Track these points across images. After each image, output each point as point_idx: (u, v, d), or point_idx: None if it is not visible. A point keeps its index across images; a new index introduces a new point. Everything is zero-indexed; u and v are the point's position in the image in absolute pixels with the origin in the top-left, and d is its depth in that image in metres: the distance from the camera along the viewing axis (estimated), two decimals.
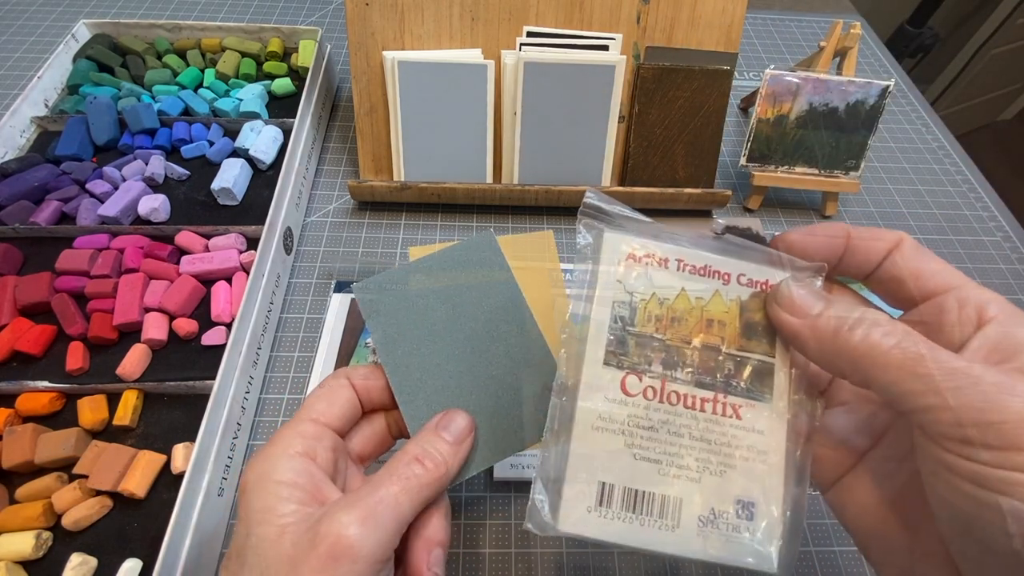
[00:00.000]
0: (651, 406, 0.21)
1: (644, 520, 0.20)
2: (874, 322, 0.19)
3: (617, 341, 0.22)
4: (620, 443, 0.21)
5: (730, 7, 0.50)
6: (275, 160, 0.53)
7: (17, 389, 0.38)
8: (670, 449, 0.21)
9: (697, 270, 0.23)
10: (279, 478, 0.22)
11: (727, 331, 0.22)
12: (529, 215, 0.53)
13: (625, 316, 0.22)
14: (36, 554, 0.32)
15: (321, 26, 0.65)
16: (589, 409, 0.21)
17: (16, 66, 0.65)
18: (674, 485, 0.21)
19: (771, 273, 0.23)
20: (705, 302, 0.23)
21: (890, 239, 0.22)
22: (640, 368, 0.22)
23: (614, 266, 0.23)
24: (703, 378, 0.22)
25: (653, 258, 0.23)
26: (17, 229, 0.45)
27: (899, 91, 0.70)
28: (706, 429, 0.21)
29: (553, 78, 0.48)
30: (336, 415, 0.25)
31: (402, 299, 0.28)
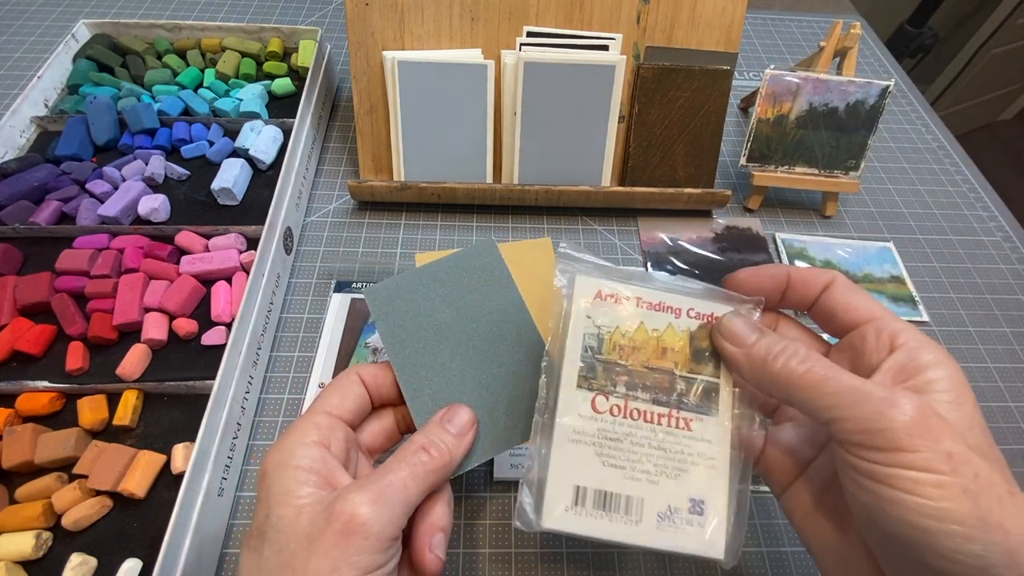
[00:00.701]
0: (616, 421, 0.26)
1: (612, 516, 0.25)
2: (793, 352, 0.23)
3: (587, 367, 0.26)
4: (591, 452, 0.25)
5: (730, 7, 0.50)
6: (275, 160, 0.53)
7: (17, 389, 0.38)
8: (632, 457, 0.25)
9: (653, 306, 0.27)
10: (296, 464, 0.24)
11: (679, 357, 0.27)
12: (529, 215, 0.53)
13: (594, 346, 0.27)
14: (36, 554, 0.32)
15: (321, 26, 0.65)
16: (565, 424, 0.25)
17: (16, 66, 0.65)
18: (637, 487, 0.25)
19: (716, 307, 0.27)
20: (660, 333, 0.27)
21: (825, 278, 0.27)
22: (607, 389, 0.26)
23: (585, 304, 0.27)
24: (659, 396, 0.26)
25: (617, 297, 0.27)
26: (17, 229, 0.45)
27: (899, 91, 0.70)
28: (663, 440, 0.26)
29: (553, 78, 0.48)
30: (348, 408, 0.27)
31: (409, 302, 0.30)
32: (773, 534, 0.37)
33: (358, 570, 0.22)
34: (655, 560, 0.36)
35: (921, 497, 0.19)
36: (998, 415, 0.44)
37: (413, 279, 0.31)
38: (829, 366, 0.22)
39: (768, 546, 0.37)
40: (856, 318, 0.25)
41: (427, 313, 0.30)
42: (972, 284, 0.52)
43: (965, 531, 0.19)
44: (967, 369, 0.46)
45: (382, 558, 0.23)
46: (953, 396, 0.21)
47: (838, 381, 0.22)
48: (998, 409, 0.44)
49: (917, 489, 0.19)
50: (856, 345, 0.25)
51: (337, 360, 0.42)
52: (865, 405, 0.21)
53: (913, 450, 0.19)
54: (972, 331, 0.48)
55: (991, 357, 0.47)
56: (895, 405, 0.20)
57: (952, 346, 0.47)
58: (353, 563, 0.22)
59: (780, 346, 0.24)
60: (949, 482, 0.19)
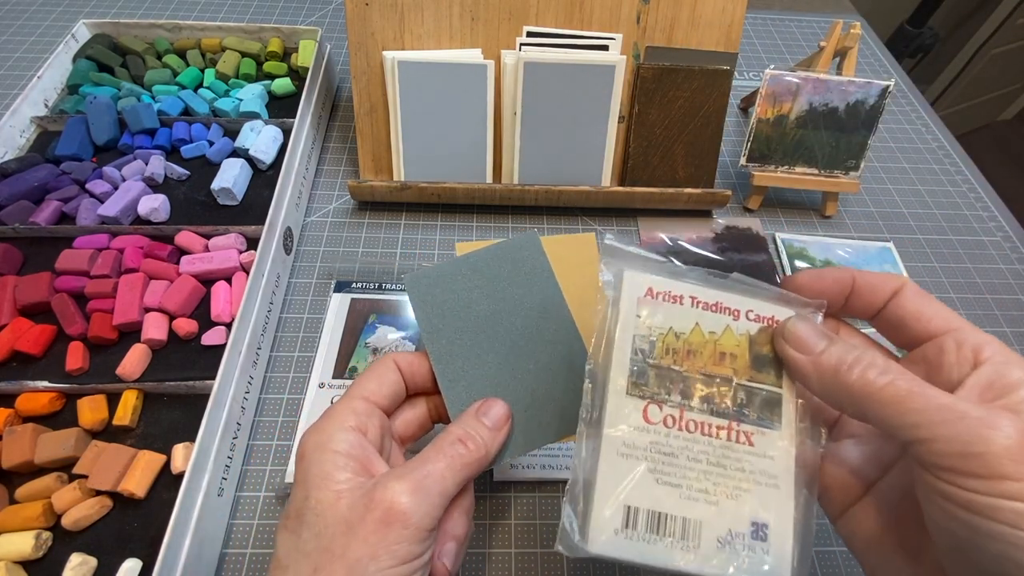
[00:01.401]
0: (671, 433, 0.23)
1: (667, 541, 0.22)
2: (871, 363, 0.21)
3: (638, 372, 0.24)
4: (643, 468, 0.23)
5: (730, 7, 0.50)
6: (275, 160, 0.53)
7: (17, 389, 0.38)
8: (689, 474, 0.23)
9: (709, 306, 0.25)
10: (335, 448, 0.24)
11: (738, 363, 0.24)
12: (529, 215, 0.53)
13: (645, 349, 0.24)
14: (36, 554, 0.32)
15: (321, 26, 0.65)
16: (614, 437, 0.23)
17: (16, 66, 0.65)
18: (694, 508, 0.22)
19: (777, 309, 0.25)
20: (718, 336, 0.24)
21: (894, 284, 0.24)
22: (660, 398, 0.23)
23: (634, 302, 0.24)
24: (717, 407, 0.24)
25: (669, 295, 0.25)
26: (17, 229, 0.45)
27: (899, 91, 0.70)
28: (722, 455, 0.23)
29: (553, 78, 0.48)
30: (384, 395, 0.28)
31: (448, 292, 0.30)
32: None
33: (396, 559, 0.22)
34: None
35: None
36: None
37: (453, 268, 0.30)
38: (914, 380, 0.20)
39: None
40: (931, 328, 0.23)
41: (465, 304, 0.30)
42: (972, 284, 0.52)
43: None
44: None
45: (419, 548, 0.23)
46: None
47: (926, 397, 0.19)
48: None
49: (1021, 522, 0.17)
50: (931, 358, 0.22)
51: (337, 360, 0.42)
52: (959, 425, 0.18)
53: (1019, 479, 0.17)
54: None
55: None
56: (995, 427, 0.18)
57: None
58: (392, 552, 0.22)
59: (854, 355, 0.22)
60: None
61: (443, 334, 0.29)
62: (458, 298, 0.30)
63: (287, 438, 0.40)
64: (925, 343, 0.23)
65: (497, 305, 0.30)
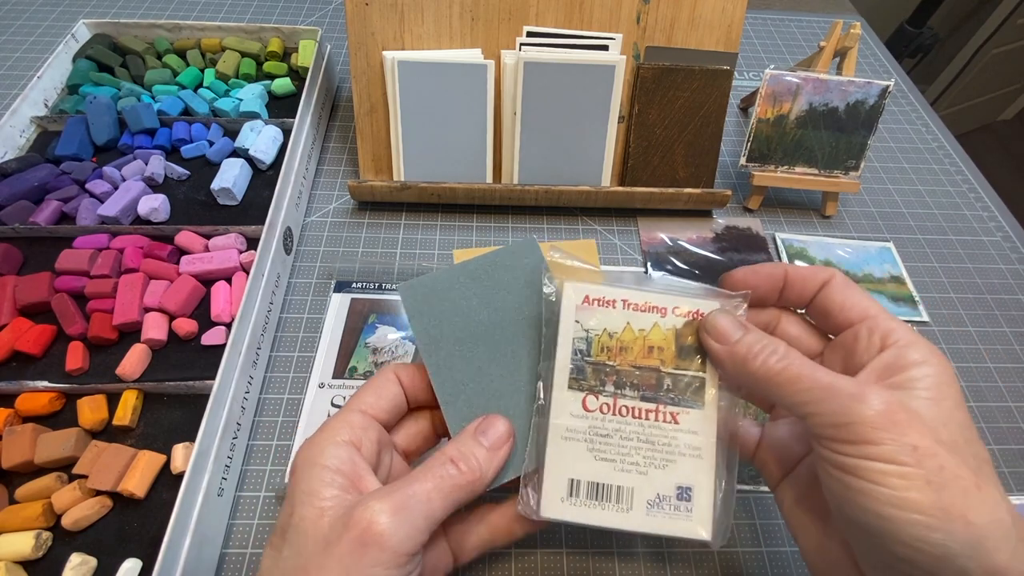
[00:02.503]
0: (606, 418, 0.27)
1: (604, 505, 0.26)
2: (773, 350, 0.24)
3: (577, 369, 0.28)
4: (583, 448, 0.27)
5: (730, 7, 0.50)
6: (275, 160, 0.53)
7: (17, 389, 0.38)
8: (622, 450, 0.27)
9: (639, 307, 0.28)
10: (324, 463, 0.24)
11: (665, 354, 0.28)
12: (529, 215, 0.54)
13: (583, 349, 0.28)
14: (36, 554, 0.32)
15: (321, 26, 0.65)
16: (559, 424, 0.27)
17: (16, 66, 0.65)
18: (627, 478, 0.27)
19: (702, 303, 0.28)
20: (647, 332, 0.28)
21: (822, 276, 0.27)
22: (596, 389, 0.27)
23: (572, 310, 0.28)
24: (647, 393, 0.28)
25: (603, 300, 0.28)
26: (17, 229, 0.45)
27: (899, 91, 0.70)
28: (651, 433, 0.27)
29: (553, 78, 0.48)
30: (383, 408, 0.27)
31: (446, 301, 0.29)
32: (773, 534, 0.37)
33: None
34: (652, 557, 0.36)
35: (885, 487, 0.20)
36: (998, 415, 0.44)
37: (450, 276, 0.29)
38: (805, 364, 0.23)
39: (768, 546, 0.37)
40: (851, 317, 0.25)
41: (464, 313, 0.29)
42: (972, 284, 0.52)
43: (927, 520, 0.19)
44: (967, 369, 0.46)
45: (397, 573, 0.22)
46: (933, 393, 0.22)
47: (812, 378, 0.22)
48: (998, 409, 0.44)
49: (882, 479, 0.20)
50: (849, 344, 0.25)
51: (337, 360, 0.42)
52: (835, 400, 0.22)
53: (878, 442, 0.20)
54: (972, 331, 0.48)
55: (991, 357, 0.47)
56: (863, 400, 0.21)
57: (952, 346, 0.47)
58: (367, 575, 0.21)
59: (761, 344, 0.25)
60: (912, 473, 0.20)
61: (440, 345, 0.28)
62: (456, 307, 0.29)
63: (287, 438, 0.40)
64: (845, 331, 0.26)
65: (496, 314, 0.29)
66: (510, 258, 0.30)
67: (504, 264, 0.30)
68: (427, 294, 0.29)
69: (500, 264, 0.30)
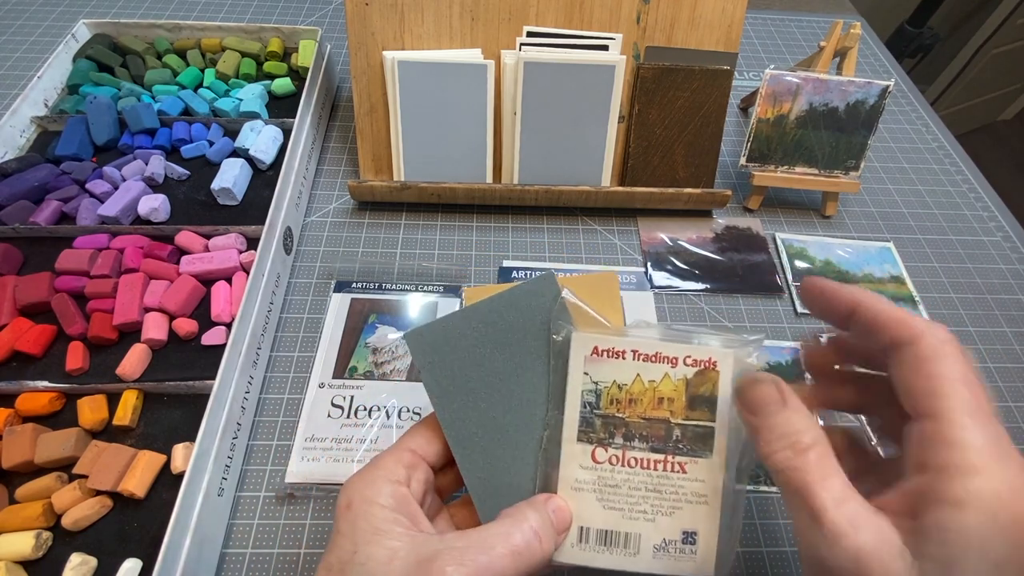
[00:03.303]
0: (615, 470, 0.28)
1: (613, 551, 0.27)
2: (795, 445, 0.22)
3: (586, 422, 0.28)
4: (593, 498, 0.27)
5: (730, 7, 0.50)
6: (275, 160, 0.53)
7: (17, 389, 0.38)
8: (630, 500, 0.27)
9: (649, 357, 0.28)
10: (384, 503, 0.24)
11: (675, 405, 0.28)
12: (529, 215, 0.54)
13: (592, 401, 0.28)
14: (36, 554, 0.32)
15: (321, 26, 0.65)
16: (568, 476, 0.28)
17: (16, 66, 0.65)
18: (634, 525, 0.27)
19: (714, 352, 0.28)
20: (657, 383, 0.28)
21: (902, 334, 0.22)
22: (605, 441, 0.28)
23: (581, 361, 0.28)
24: (656, 444, 0.28)
25: (612, 351, 0.28)
26: (17, 229, 0.45)
27: (899, 91, 0.70)
28: (659, 483, 0.27)
29: (553, 78, 0.48)
30: (432, 452, 0.27)
31: (457, 348, 0.28)
32: (773, 534, 0.37)
33: None
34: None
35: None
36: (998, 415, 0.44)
37: (462, 322, 0.28)
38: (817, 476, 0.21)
39: (768, 546, 0.37)
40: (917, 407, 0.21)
41: (477, 362, 0.27)
42: (972, 284, 0.52)
43: None
44: None
45: None
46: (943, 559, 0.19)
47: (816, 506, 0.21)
48: (998, 409, 0.44)
49: None
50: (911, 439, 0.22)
51: (337, 360, 0.42)
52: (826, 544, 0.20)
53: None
54: (972, 331, 0.48)
55: (991, 357, 0.47)
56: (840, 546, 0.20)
57: None
58: None
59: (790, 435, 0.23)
60: None
61: (453, 397, 0.27)
62: (469, 356, 0.27)
63: (287, 438, 0.40)
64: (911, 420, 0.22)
65: (511, 360, 0.28)
66: (526, 297, 0.28)
67: (520, 304, 0.28)
68: (437, 342, 0.28)
69: (515, 304, 0.28)
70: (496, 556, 0.23)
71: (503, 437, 0.27)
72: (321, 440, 0.39)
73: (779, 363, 0.45)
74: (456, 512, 0.29)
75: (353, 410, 0.40)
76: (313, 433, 0.39)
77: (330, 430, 0.39)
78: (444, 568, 0.22)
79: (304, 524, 0.36)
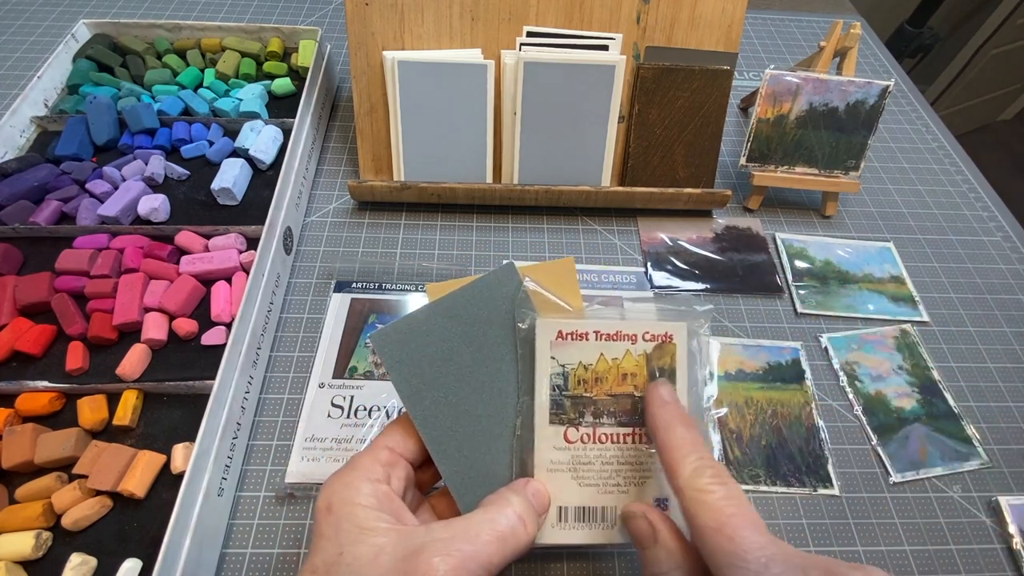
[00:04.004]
0: (587, 447, 0.29)
1: (591, 525, 0.28)
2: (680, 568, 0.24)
3: (556, 404, 0.29)
4: (568, 477, 0.28)
5: (730, 7, 0.50)
6: (275, 160, 0.53)
7: (17, 389, 0.38)
8: (603, 474, 0.28)
9: (610, 336, 0.29)
10: (364, 502, 0.24)
11: (638, 379, 0.29)
12: (529, 215, 0.54)
13: (560, 384, 0.29)
14: (36, 554, 0.32)
15: (321, 26, 0.65)
16: (543, 459, 0.28)
17: (16, 66, 0.65)
18: (609, 498, 0.28)
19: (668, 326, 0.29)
20: (619, 360, 0.29)
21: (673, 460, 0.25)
22: (576, 421, 0.29)
23: (547, 346, 0.29)
24: (623, 419, 0.29)
25: (576, 334, 0.29)
26: (17, 229, 0.45)
27: (899, 91, 0.70)
28: (629, 455, 0.29)
29: (553, 78, 0.48)
30: (411, 449, 0.27)
31: (424, 345, 0.28)
32: (774, 533, 0.37)
33: None
34: None
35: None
36: (998, 415, 0.44)
37: (426, 318, 0.28)
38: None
39: None
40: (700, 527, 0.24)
41: (445, 356, 0.28)
42: (972, 284, 0.52)
43: None
44: (967, 369, 0.46)
45: None
46: None
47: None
48: (998, 409, 0.44)
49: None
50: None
51: (337, 360, 0.42)
52: None
53: None
54: (972, 331, 0.48)
55: (991, 357, 0.47)
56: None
57: (952, 346, 0.47)
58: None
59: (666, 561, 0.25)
60: None
61: (423, 394, 0.27)
62: (437, 351, 0.28)
63: (287, 438, 0.40)
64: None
65: (480, 351, 0.28)
66: (488, 289, 0.29)
67: (482, 296, 0.29)
68: (403, 341, 0.28)
69: (478, 297, 0.29)
70: (482, 543, 0.23)
71: (476, 429, 0.28)
72: (321, 440, 0.39)
73: (779, 363, 0.45)
74: (437, 503, 0.29)
75: (353, 410, 0.40)
76: (313, 433, 0.39)
77: (330, 430, 0.39)
78: (431, 560, 0.22)
79: (304, 524, 0.36)
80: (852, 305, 0.49)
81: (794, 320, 0.48)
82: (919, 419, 0.43)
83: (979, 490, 0.40)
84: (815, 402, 0.43)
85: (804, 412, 0.43)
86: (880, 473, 0.40)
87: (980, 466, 0.41)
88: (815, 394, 0.44)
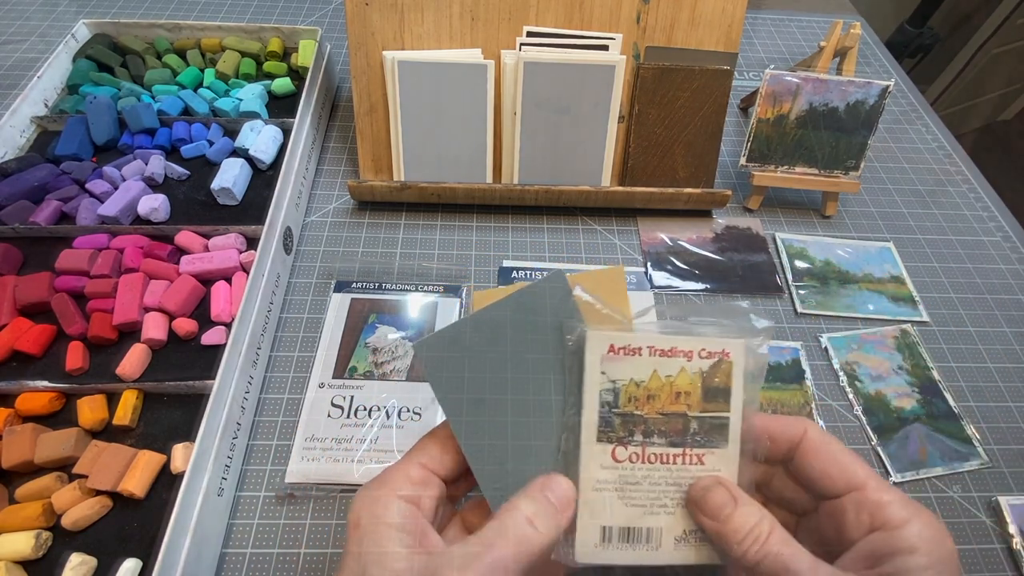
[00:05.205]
0: (635, 467, 0.28)
1: (636, 547, 0.27)
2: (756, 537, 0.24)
3: (604, 421, 0.28)
4: (614, 497, 0.27)
5: (730, 7, 0.50)
6: (275, 160, 0.53)
7: (17, 389, 0.38)
8: (651, 495, 0.27)
9: (665, 352, 0.28)
10: (390, 521, 0.24)
11: (692, 399, 0.28)
12: (529, 215, 0.54)
13: (610, 400, 0.28)
14: (36, 554, 0.32)
15: (321, 26, 0.65)
16: (589, 477, 0.27)
17: (16, 66, 0.65)
18: (656, 519, 0.27)
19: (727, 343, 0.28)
20: (673, 378, 0.28)
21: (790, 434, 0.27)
22: (625, 440, 0.28)
23: (597, 360, 0.28)
24: (674, 439, 0.28)
25: (628, 348, 0.28)
26: (17, 229, 0.45)
27: (899, 91, 0.70)
28: (678, 476, 0.28)
29: (553, 78, 0.48)
30: (446, 464, 0.26)
31: (468, 356, 0.27)
32: None
33: None
34: None
35: None
36: (998, 415, 0.44)
37: (471, 328, 0.27)
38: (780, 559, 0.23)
39: None
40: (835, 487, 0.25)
41: (488, 368, 0.27)
42: (972, 284, 0.52)
43: None
44: (967, 369, 0.46)
45: None
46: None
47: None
48: (998, 409, 0.44)
49: None
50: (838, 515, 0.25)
51: (337, 360, 0.42)
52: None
53: None
54: (972, 331, 0.48)
55: (991, 357, 0.47)
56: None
57: (952, 346, 0.47)
58: None
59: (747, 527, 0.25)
60: None
61: (465, 407, 0.26)
62: (480, 361, 0.27)
63: (287, 438, 0.40)
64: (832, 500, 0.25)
65: (524, 364, 0.27)
66: (535, 298, 0.28)
67: (529, 305, 0.28)
68: (446, 349, 0.27)
69: (524, 305, 0.28)
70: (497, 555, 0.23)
71: (519, 443, 0.27)
72: (321, 440, 0.39)
73: (779, 363, 0.45)
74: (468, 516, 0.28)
75: (353, 410, 0.40)
76: (313, 433, 0.39)
77: (330, 430, 0.39)
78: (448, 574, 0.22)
79: (304, 524, 0.36)
80: (852, 305, 0.49)
81: (794, 320, 0.48)
82: (919, 419, 0.43)
83: (979, 490, 0.40)
84: (815, 402, 0.43)
85: (804, 412, 0.43)
86: (880, 473, 0.40)
87: (980, 466, 0.41)
88: (815, 394, 0.44)
